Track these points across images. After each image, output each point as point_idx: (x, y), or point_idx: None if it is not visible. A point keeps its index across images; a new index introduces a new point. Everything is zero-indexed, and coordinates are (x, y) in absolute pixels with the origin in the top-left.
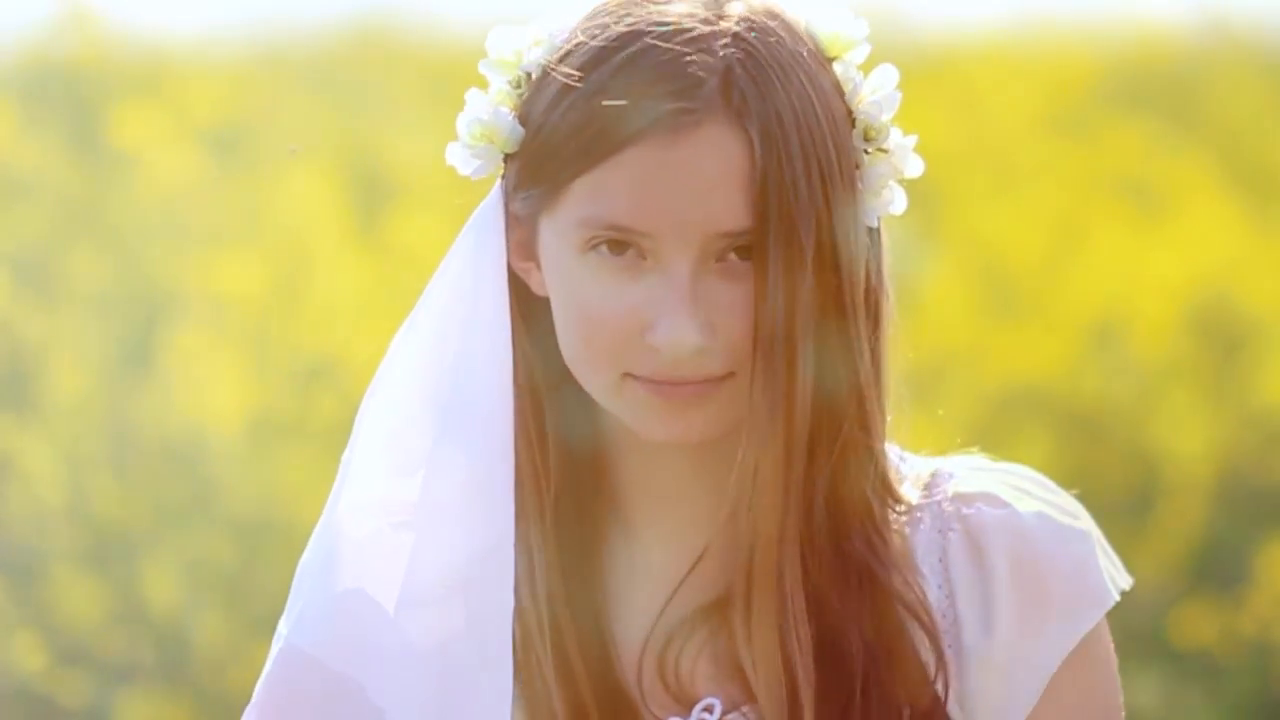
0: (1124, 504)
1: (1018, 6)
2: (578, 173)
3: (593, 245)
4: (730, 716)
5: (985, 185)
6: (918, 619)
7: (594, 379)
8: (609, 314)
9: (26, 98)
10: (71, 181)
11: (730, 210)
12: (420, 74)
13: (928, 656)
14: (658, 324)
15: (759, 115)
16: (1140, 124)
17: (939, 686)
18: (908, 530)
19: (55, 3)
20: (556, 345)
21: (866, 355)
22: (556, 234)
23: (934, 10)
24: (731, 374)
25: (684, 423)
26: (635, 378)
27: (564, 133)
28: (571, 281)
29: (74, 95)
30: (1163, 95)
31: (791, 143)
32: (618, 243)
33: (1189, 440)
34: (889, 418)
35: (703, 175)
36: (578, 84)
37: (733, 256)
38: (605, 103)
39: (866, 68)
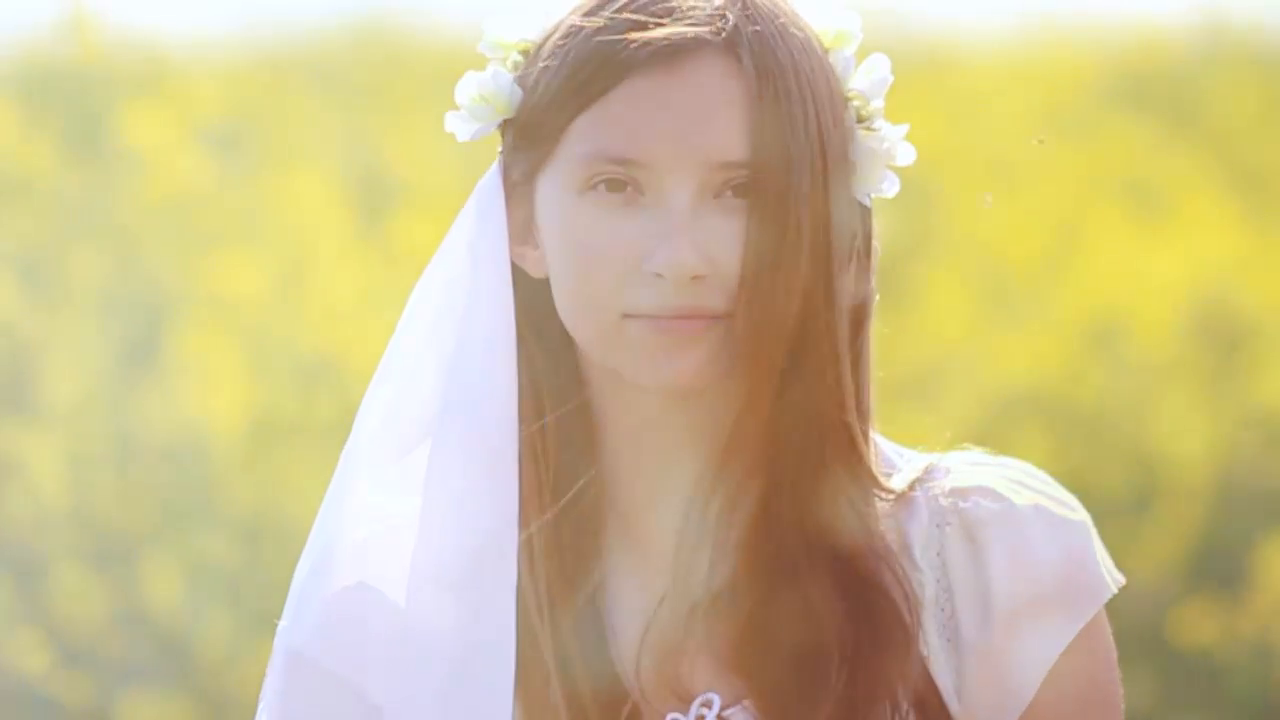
0: (1123, 504)
1: (1017, 7)
2: (576, 111)
3: (591, 185)
4: (730, 711)
5: (985, 186)
6: (896, 599)
7: (593, 324)
8: (608, 247)
9: (28, 99)
10: (73, 182)
11: (728, 140)
12: (422, 75)
13: (920, 645)
14: (656, 251)
15: (757, 53)
16: (1140, 125)
17: (931, 670)
18: (905, 525)
19: (57, 4)
20: (554, 330)
21: (846, 327)
22: (555, 181)
23: (934, 10)
24: (728, 316)
25: (679, 365)
26: (634, 317)
27: (563, 76)
28: (570, 223)
29: (76, 96)
30: (1163, 95)
31: (789, 83)
32: (616, 181)
33: (1188, 441)
34: (872, 402)
35: (700, 105)
36: (578, 24)
37: (729, 195)
38: (601, 38)
39: (859, 60)
